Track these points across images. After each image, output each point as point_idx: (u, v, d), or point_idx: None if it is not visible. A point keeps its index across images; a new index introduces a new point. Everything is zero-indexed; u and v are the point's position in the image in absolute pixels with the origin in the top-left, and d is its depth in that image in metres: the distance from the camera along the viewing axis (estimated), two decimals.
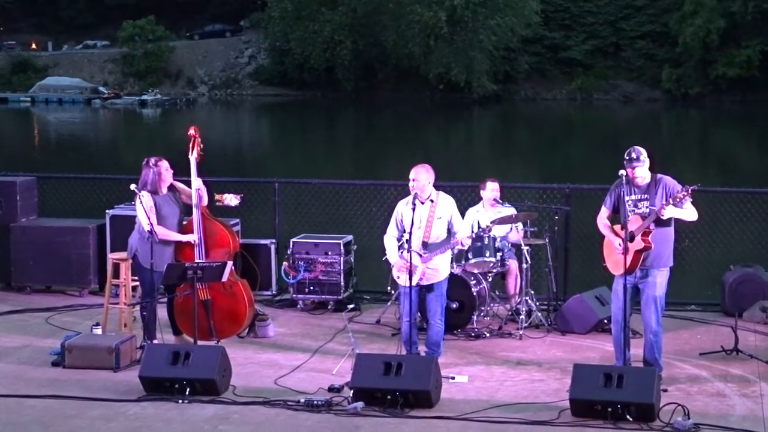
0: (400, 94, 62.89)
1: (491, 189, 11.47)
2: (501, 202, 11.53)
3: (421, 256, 9.41)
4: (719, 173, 31.56)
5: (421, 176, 9.45)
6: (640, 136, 35.93)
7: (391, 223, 9.66)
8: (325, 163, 32.61)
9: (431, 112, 57.54)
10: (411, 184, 9.45)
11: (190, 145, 10.09)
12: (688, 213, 8.92)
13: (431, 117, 55.02)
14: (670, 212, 8.76)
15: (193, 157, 10.05)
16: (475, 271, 10.97)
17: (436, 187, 9.75)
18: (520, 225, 11.43)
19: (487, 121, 58.98)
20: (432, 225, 9.44)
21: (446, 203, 9.56)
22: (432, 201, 9.49)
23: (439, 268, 9.54)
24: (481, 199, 11.55)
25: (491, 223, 10.34)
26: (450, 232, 9.54)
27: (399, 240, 9.59)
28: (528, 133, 50.26)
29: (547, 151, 38.75)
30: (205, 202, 10.13)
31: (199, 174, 10.06)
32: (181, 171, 10.31)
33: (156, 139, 43.35)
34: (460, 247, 10.27)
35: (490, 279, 11.11)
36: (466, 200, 11.92)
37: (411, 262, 9.21)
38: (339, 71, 65.24)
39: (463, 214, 10.83)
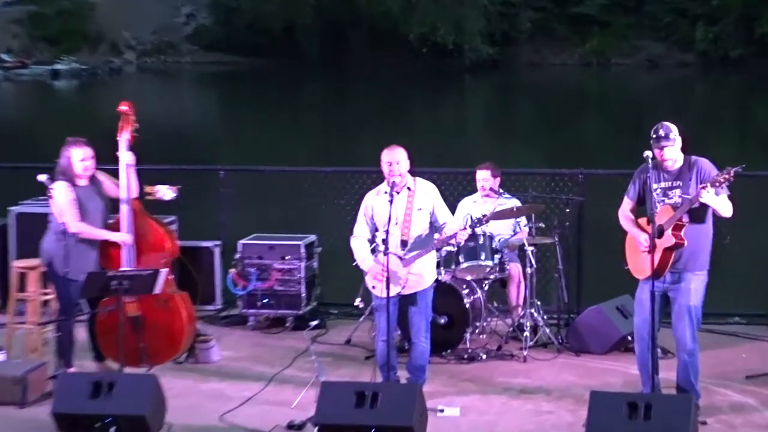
0: (376, 60, 62.81)
1: (482, 178, 11.49)
2: (500, 192, 11.51)
3: (401, 258, 9.37)
4: (766, 154, 31.65)
5: (402, 159, 9.41)
6: (670, 108, 36.01)
7: (358, 220, 9.63)
8: (283, 147, 32.48)
9: (414, 82, 57.50)
10: (388, 169, 9.40)
11: (121, 124, 10.05)
12: (724, 205, 8.88)
13: (414, 88, 54.99)
14: (708, 198, 8.72)
15: (123, 138, 10.02)
16: (468, 278, 10.96)
17: (419, 174, 9.73)
18: (523, 220, 11.41)
19: (481, 92, 59.03)
20: (411, 219, 9.41)
21: (426, 191, 9.52)
22: (409, 189, 9.45)
23: (423, 273, 9.51)
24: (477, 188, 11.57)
25: (484, 216, 10.19)
26: (433, 227, 9.50)
27: (371, 241, 9.56)
28: (532, 106, 50.28)
29: (555, 129, 38.73)
30: (135, 193, 10.08)
31: None
32: (106, 158, 10.25)
33: (73, 118, 43.12)
34: (450, 247, 10.24)
35: (486, 287, 11.11)
36: (456, 190, 11.89)
37: (388, 267, 9.15)
38: (300, 33, 65.10)
39: (453, 208, 10.80)
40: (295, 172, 14.77)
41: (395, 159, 9.40)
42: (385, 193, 9.39)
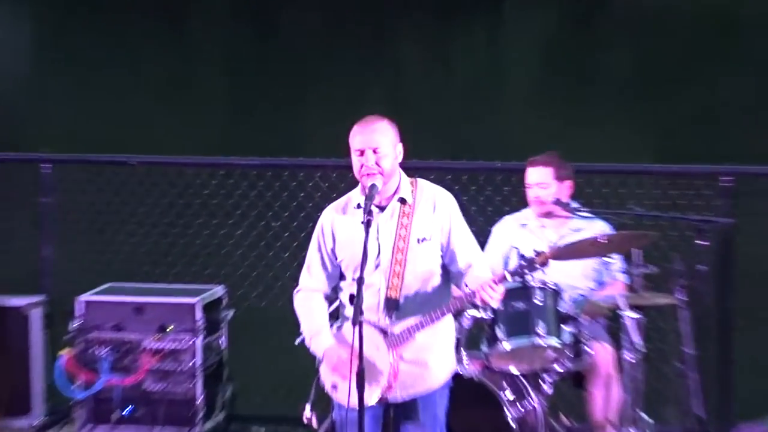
0: None
1: (537, 182, 11.67)
2: (572, 207, 11.53)
3: (385, 333, 9.32)
4: None
5: (386, 143, 9.36)
6: None
7: (309, 258, 9.68)
8: (162, 120, 32.66)
9: (405, 7, 58.08)
10: (357, 161, 9.37)
11: None
12: None
13: (404, 18, 55.55)
14: None
15: None
16: (515, 371, 10.91)
17: (422, 172, 9.80)
18: (617, 262, 11.48)
19: (531, 26, 59.54)
20: (406, 257, 9.40)
21: (436, 204, 9.55)
22: (403, 201, 9.43)
23: (430, 361, 9.52)
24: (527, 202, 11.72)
25: (541, 253, 10.09)
26: (447, 273, 9.46)
27: (331, 299, 9.56)
28: (626, 50, 50.73)
29: (672, 92, 39.01)
30: None
31: None
32: None
33: None
34: (479, 312, 10.16)
35: (549, 388, 11.10)
36: (490, 203, 12.05)
37: (361, 350, 9.05)
38: None
39: (485, 237, 10.72)
40: (185, 166, 14.68)
41: (375, 143, 9.35)
42: (359, 208, 9.32)
